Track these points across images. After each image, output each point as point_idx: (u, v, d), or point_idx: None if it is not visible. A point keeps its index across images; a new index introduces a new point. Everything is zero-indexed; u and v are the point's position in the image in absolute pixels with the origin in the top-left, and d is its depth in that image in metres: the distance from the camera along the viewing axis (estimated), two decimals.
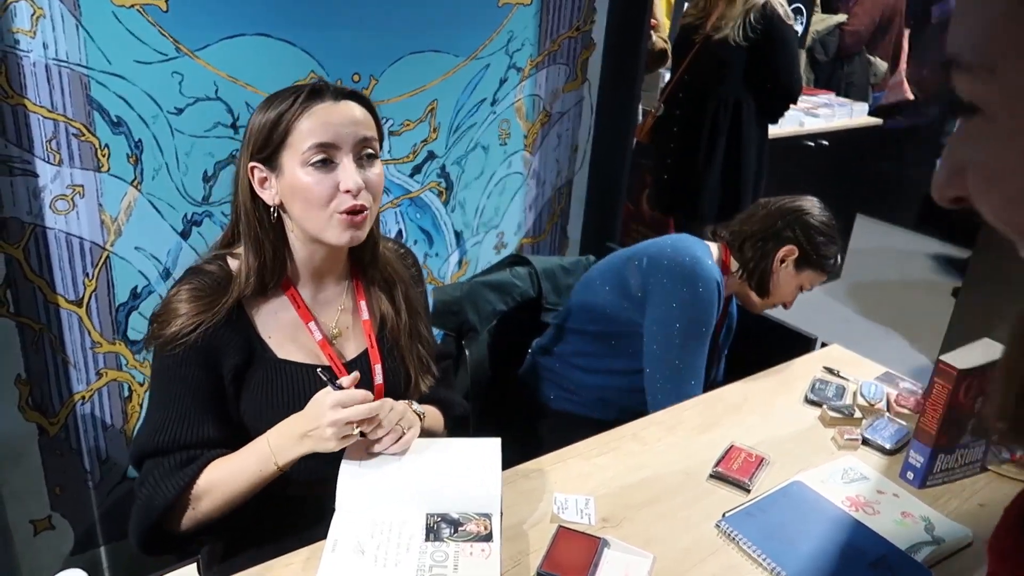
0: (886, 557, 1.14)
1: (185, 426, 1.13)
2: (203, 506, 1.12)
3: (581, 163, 2.37)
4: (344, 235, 1.12)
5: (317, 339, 1.20)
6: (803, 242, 1.62)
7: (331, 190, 1.09)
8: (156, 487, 1.11)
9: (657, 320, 1.60)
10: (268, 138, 1.10)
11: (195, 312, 1.11)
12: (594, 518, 1.18)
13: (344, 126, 1.09)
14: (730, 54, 2.76)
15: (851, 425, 1.46)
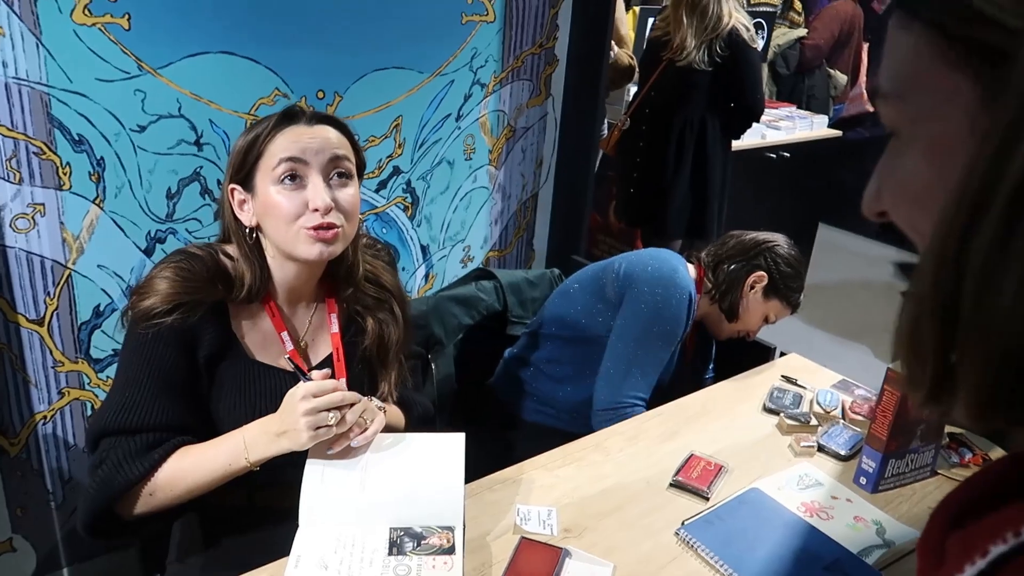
0: (839, 561, 1.17)
1: (154, 407, 1.11)
2: (162, 493, 1.11)
3: (546, 177, 2.40)
4: (313, 248, 1.13)
5: (288, 349, 1.21)
6: (773, 270, 1.70)
7: (300, 207, 1.12)
8: (118, 467, 1.09)
9: (625, 317, 1.66)
10: (244, 160, 1.14)
11: (176, 291, 1.12)
12: (556, 528, 1.20)
13: (314, 144, 1.12)
14: (695, 76, 2.82)
15: (807, 432, 1.49)
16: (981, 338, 0.36)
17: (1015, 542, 0.37)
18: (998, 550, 0.37)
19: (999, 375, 0.36)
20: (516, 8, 2.11)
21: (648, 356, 1.63)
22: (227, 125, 1.71)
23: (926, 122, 0.41)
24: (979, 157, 0.35)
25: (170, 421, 1.12)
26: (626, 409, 1.61)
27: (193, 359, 1.15)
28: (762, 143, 3.75)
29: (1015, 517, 0.38)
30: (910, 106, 0.41)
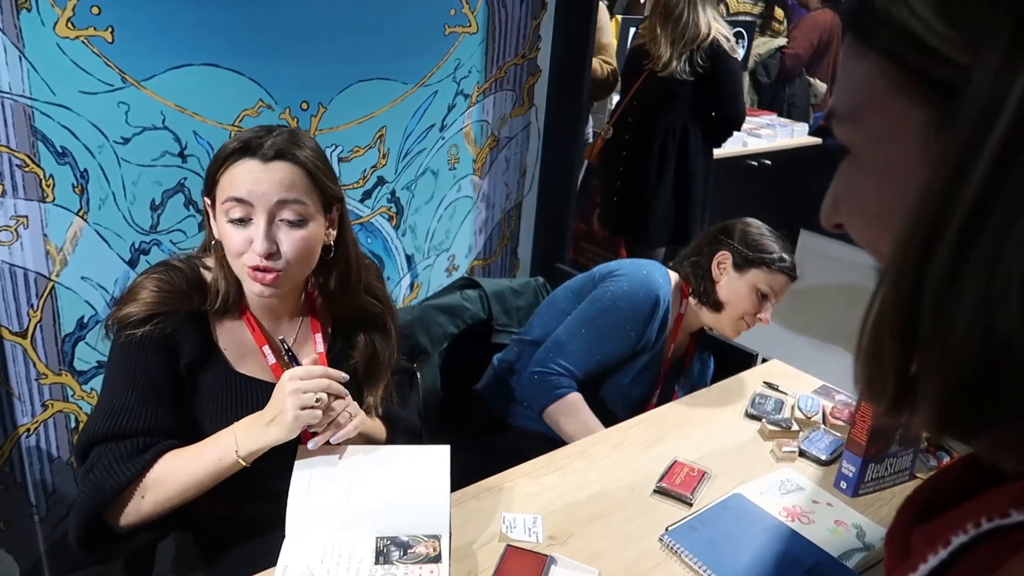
0: (820, 564, 1.19)
1: (142, 412, 1.12)
2: (152, 495, 1.10)
3: (530, 186, 2.42)
4: (254, 287, 1.15)
5: (269, 363, 1.22)
6: (733, 244, 1.68)
7: (244, 244, 1.12)
8: (108, 471, 1.09)
9: (587, 301, 1.71)
10: (206, 183, 1.16)
11: (154, 301, 1.13)
12: (542, 536, 1.21)
13: (263, 185, 1.10)
14: (677, 87, 2.85)
15: (789, 438, 1.52)
16: (939, 357, 0.37)
17: (975, 532, 0.39)
18: (959, 540, 0.39)
19: (957, 392, 0.37)
20: (499, 19, 2.13)
21: (593, 338, 1.66)
22: (211, 137, 1.71)
23: (881, 145, 0.42)
24: (933, 183, 0.37)
25: (158, 426, 1.13)
26: (552, 377, 1.65)
27: (176, 366, 1.16)
28: (743, 151, 3.79)
29: (974, 510, 0.40)
30: (865, 129, 0.43)
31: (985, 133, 0.34)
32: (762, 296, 1.66)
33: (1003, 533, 0.38)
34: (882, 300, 0.39)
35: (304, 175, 1.13)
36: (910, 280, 0.38)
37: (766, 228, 1.71)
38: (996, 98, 0.34)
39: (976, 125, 0.35)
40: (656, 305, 1.66)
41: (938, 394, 0.38)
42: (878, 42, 0.40)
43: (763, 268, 1.65)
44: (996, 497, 0.39)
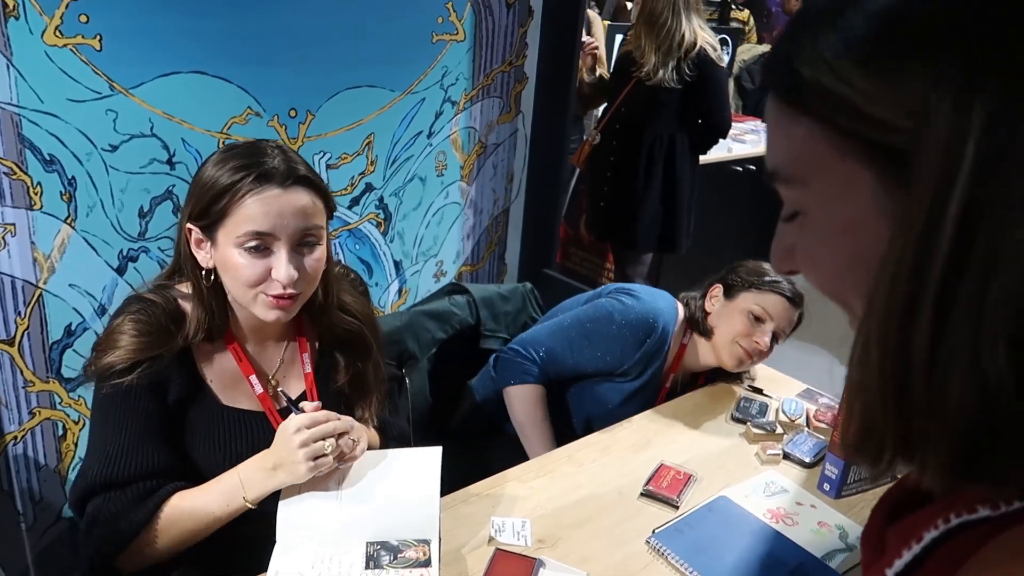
0: (804, 565, 1.21)
1: (140, 455, 1.09)
2: (162, 542, 1.08)
3: (517, 192, 2.44)
4: (271, 314, 1.11)
5: (257, 392, 1.20)
6: (725, 277, 1.67)
7: (262, 275, 1.07)
8: (115, 521, 1.06)
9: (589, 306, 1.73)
10: (207, 209, 1.06)
11: (136, 348, 1.09)
12: (530, 539, 1.23)
13: (286, 217, 1.06)
14: (664, 94, 2.87)
15: (773, 440, 1.54)
16: (938, 417, 0.37)
17: (944, 527, 0.40)
18: (930, 535, 0.40)
19: (959, 448, 0.37)
20: (486, 27, 2.14)
21: (576, 340, 1.67)
22: (199, 144, 1.72)
23: (832, 205, 0.41)
24: (904, 248, 0.36)
25: (156, 467, 1.10)
26: (525, 360, 1.67)
27: (165, 405, 1.13)
28: (729, 156, 3.82)
29: (944, 507, 0.41)
30: (813, 192, 0.42)
31: (945, 197, 0.34)
32: (755, 319, 1.60)
33: (971, 527, 0.39)
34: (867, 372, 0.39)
35: (318, 198, 1.11)
36: (896, 354, 0.37)
37: (757, 263, 1.67)
38: (952, 156, 0.34)
39: (935, 186, 0.34)
40: (651, 331, 1.65)
41: (941, 452, 0.37)
42: (811, 110, 0.39)
43: (751, 290, 1.61)
44: (965, 495, 0.40)
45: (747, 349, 1.60)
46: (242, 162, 1.06)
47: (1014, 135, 0.32)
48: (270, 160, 1.06)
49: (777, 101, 0.42)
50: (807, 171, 0.42)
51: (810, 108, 0.39)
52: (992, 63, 0.33)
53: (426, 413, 1.85)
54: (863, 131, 0.37)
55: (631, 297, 1.70)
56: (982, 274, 0.34)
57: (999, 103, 0.32)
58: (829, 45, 0.37)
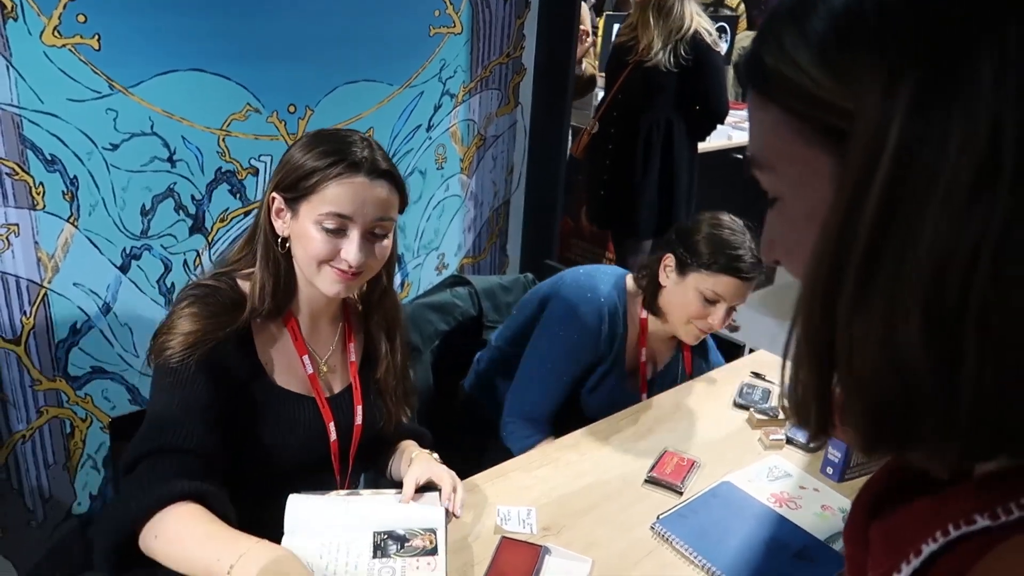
0: (808, 548, 1.22)
1: (185, 428, 1.09)
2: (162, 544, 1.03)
3: (517, 184, 2.44)
4: (333, 287, 1.15)
5: (308, 372, 1.23)
6: (677, 247, 1.56)
7: (332, 252, 1.13)
8: (139, 489, 1.04)
9: (539, 327, 1.67)
10: (295, 184, 1.12)
11: (199, 328, 1.11)
12: (536, 527, 1.24)
13: (367, 204, 1.12)
14: (661, 78, 2.88)
15: (776, 426, 1.54)
16: (855, 385, 0.39)
17: (944, 540, 0.40)
18: (929, 549, 0.41)
19: (875, 415, 0.39)
20: (483, 19, 2.15)
21: (550, 373, 1.62)
22: (199, 141, 1.73)
23: (800, 191, 0.44)
24: (830, 221, 0.39)
25: (198, 444, 1.09)
26: (522, 429, 1.62)
27: (224, 389, 1.14)
28: (728, 144, 3.82)
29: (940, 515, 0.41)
30: (782, 176, 0.45)
31: (870, 172, 0.36)
32: (707, 300, 1.52)
33: (970, 538, 0.40)
34: (797, 334, 0.41)
35: (396, 192, 1.17)
36: (819, 314, 0.40)
37: (725, 225, 1.54)
38: (878, 138, 0.36)
39: (862, 165, 0.37)
40: (600, 318, 1.61)
41: (859, 418, 0.40)
42: (776, 97, 0.42)
43: (702, 271, 1.51)
44: (957, 502, 0.41)
45: (702, 329, 1.57)
46: (334, 147, 1.13)
47: (931, 119, 0.35)
48: (359, 151, 1.13)
49: (751, 91, 0.45)
50: (776, 157, 0.44)
51: (775, 96, 0.42)
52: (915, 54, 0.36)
53: (430, 404, 1.86)
54: (819, 116, 0.40)
55: (560, 300, 1.63)
56: (899, 249, 0.36)
57: (919, 90, 0.35)
58: (790, 38, 0.40)
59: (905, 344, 0.36)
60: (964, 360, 0.35)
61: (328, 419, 1.24)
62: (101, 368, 1.74)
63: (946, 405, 0.36)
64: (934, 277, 0.35)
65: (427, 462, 1.27)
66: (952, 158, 0.34)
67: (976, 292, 0.34)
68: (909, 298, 0.36)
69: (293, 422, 1.20)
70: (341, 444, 1.26)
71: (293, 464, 1.22)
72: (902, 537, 0.43)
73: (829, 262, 0.39)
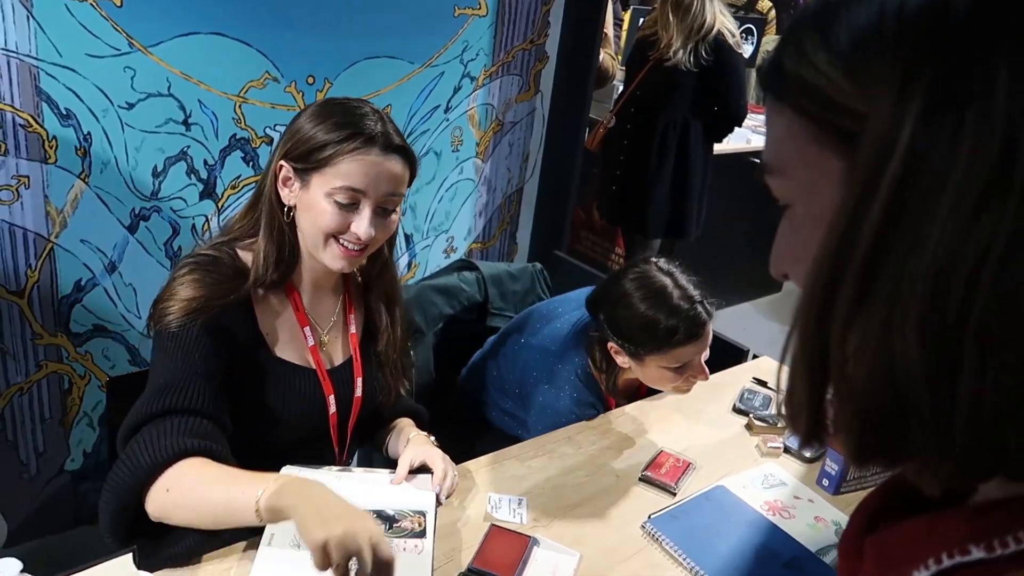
0: (798, 558, 1.21)
1: (189, 391, 1.07)
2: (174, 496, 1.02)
3: (532, 172, 2.43)
4: (338, 263, 1.15)
5: (309, 344, 1.22)
6: (614, 338, 1.44)
7: (343, 226, 1.12)
8: (148, 446, 1.02)
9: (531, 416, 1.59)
10: (307, 155, 1.11)
11: (198, 295, 1.10)
12: (526, 517, 1.23)
13: (381, 179, 1.11)
14: (680, 77, 2.85)
15: (775, 434, 1.53)
16: (847, 393, 0.38)
17: (936, 568, 0.39)
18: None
19: (867, 425, 0.38)
20: (509, 3, 2.12)
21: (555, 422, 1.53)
22: (216, 106, 1.72)
23: (810, 196, 0.43)
24: (834, 225, 0.38)
25: (203, 406, 1.07)
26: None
27: (226, 354, 1.13)
28: (747, 147, 3.79)
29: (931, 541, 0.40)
30: (792, 181, 0.45)
31: (879, 175, 0.36)
32: (677, 369, 1.42)
33: (961, 568, 0.39)
34: (794, 339, 0.41)
35: (408, 167, 1.16)
36: (815, 320, 0.39)
37: (649, 289, 1.40)
38: (888, 141, 0.36)
39: (871, 167, 0.36)
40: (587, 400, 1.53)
41: (849, 427, 0.39)
42: (791, 100, 0.42)
43: (655, 354, 1.40)
44: (950, 527, 0.40)
45: (687, 389, 1.47)
46: (346, 119, 1.11)
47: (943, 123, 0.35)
48: (373, 124, 1.12)
49: (767, 96, 0.45)
50: (788, 161, 0.44)
51: (791, 99, 0.42)
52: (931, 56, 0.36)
53: (429, 387, 1.86)
54: (833, 119, 0.40)
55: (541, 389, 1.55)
56: (903, 254, 0.35)
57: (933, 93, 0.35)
58: (810, 43, 0.40)
59: (901, 352, 0.36)
60: (961, 371, 0.34)
61: (328, 391, 1.24)
62: (103, 327, 1.74)
63: (941, 418, 0.36)
64: (936, 285, 0.34)
65: (423, 444, 1.26)
66: (962, 164, 0.34)
67: (978, 302, 0.34)
68: (909, 305, 0.35)
69: (293, 394, 1.20)
70: (340, 416, 1.26)
71: (292, 436, 1.22)
72: (894, 557, 0.42)
73: (830, 264, 0.38)
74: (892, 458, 0.39)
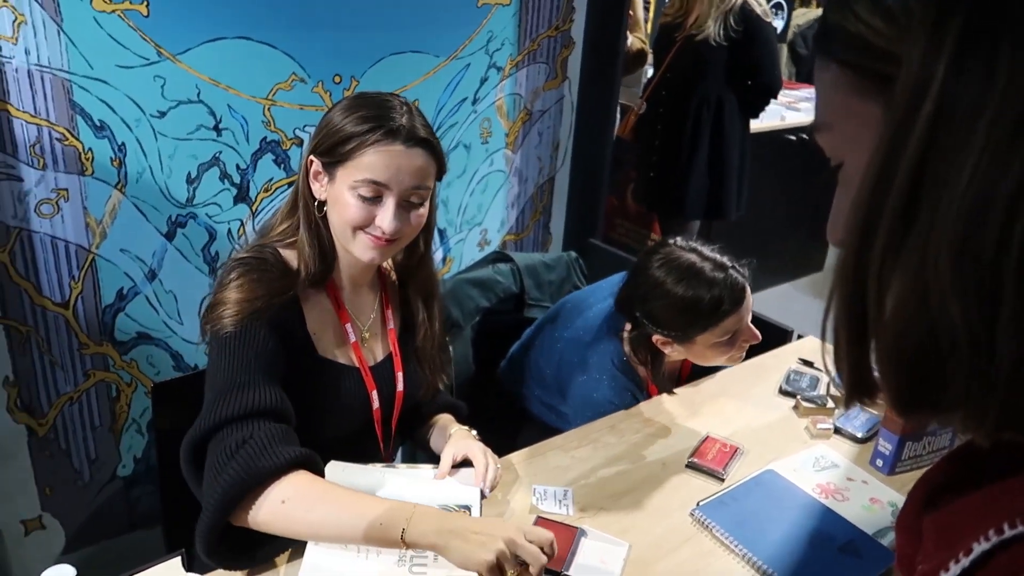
0: (854, 542, 1.17)
1: (255, 391, 1.04)
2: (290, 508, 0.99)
3: (563, 160, 2.40)
4: (367, 253, 1.15)
5: (352, 341, 1.23)
6: (657, 330, 1.43)
7: (367, 219, 1.12)
8: (263, 451, 0.99)
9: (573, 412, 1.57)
10: (333, 148, 1.11)
11: (248, 297, 1.10)
12: (572, 508, 1.22)
13: (403, 172, 1.10)
14: (711, 52, 2.80)
15: (824, 415, 1.49)
16: (888, 341, 0.38)
17: (997, 539, 0.38)
18: (981, 548, 0.39)
19: (909, 376, 0.38)
20: None
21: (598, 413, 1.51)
22: (245, 110, 1.72)
23: (856, 147, 0.43)
24: (871, 165, 0.38)
25: (281, 407, 1.06)
26: None
27: (280, 346, 1.12)
28: (782, 125, 3.71)
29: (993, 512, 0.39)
30: (837, 135, 0.45)
31: (913, 112, 0.36)
32: (728, 341, 1.42)
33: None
34: (834, 293, 0.41)
35: (433, 161, 1.15)
36: (853, 264, 0.39)
37: (683, 269, 1.39)
38: (923, 77, 0.36)
39: (906, 106, 0.36)
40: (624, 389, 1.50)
41: (892, 375, 0.39)
42: (836, 53, 0.43)
43: (704, 332, 1.40)
44: (1012, 497, 0.39)
45: (740, 356, 1.46)
46: (373, 112, 1.11)
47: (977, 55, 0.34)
48: (398, 117, 1.11)
49: (817, 58, 0.45)
50: (834, 115, 0.44)
51: (835, 52, 0.43)
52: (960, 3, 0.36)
53: (468, 381, 1.85)
54: (873, 66, 0.40)
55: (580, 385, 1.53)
56: (938, 191, 0.35)
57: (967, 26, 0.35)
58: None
59: (937, 291, 0.35)
60: (1001, 310, 0.34)
61: (371, 387, 1.24)
62: (146, 334, 1.76)
63: (981, 361, 0.35)
64: (972, 218, 0.34)
65: (465, 439, 1.26)
66: (997, 97, 0.33)
67: (1017, 235, 0.33)
68: (943, 241, 0.34)
69: (338, 392, 1.20)
70: (384, 412, 1.27)
71: (337, 433, 1.23)
72: (953, 532, 0.41)
73: (867, 206, 0.38)
74: (934, 406, 0.38)
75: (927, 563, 0.42)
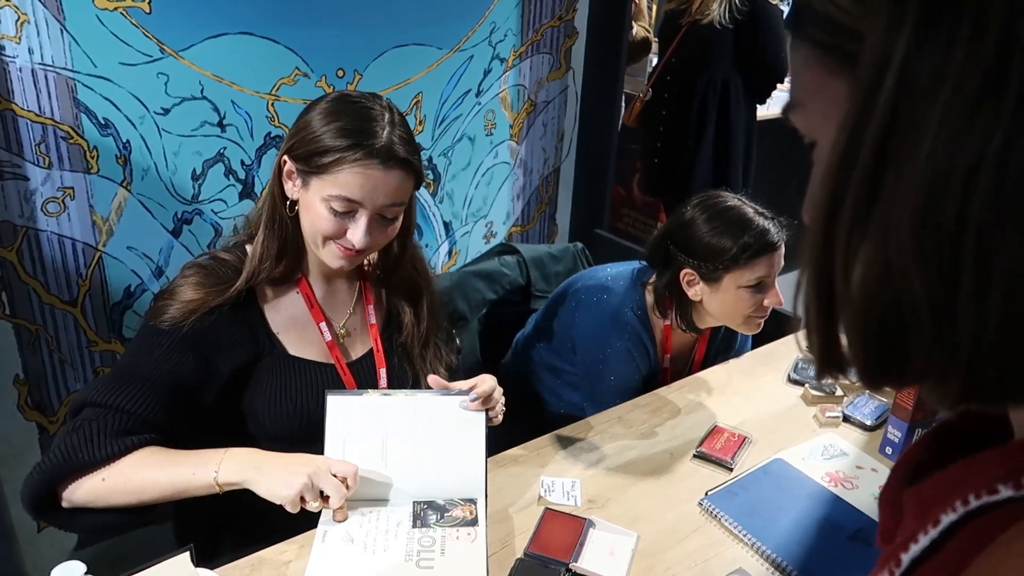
0: (863, 530, 1.17)
1: (148, 398, 1.09)
2: (111, 484, 1.07)
3: (568, 151, 2.39)
4: (336, 262, 1.15)
5: (326, 339, 1.22)
6: (687, 260, 1.44)
7: (338, 231, 1.11)
8: (88, 441, 1.06)
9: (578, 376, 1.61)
10: (309, 157, 1.09)
11: (198, 297, 1.11)
12: (580, 499, 1.22)
13: (378, 192, 1.09)
14: (717, 35, 2.79)
15: (833, 403, 1.49)
16: (853, 313, 0.38)
17: (964, 509, 0.39)
18: (948, 518, 0.39)
19: (875, 346, 0.38)
20: None
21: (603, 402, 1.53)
22: (249, 106, 1.72)
23: (824, 125, 0.43)
24: (835, 141, 0.38)
25: (156, 418, 1.10)
26: None
27: (208, 369, 1.13)
28: None
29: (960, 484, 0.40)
30: (809, 113, 0.45)
31: (876, 87, 0.36)
32: (754, 289, 1.42)
33: (991, 508, 0.38)
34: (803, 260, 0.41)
35: (411, 178, 1.13)
36: (821, 242, 0.39)
37: (721, 208, 1.42)
38: (885, 53, 0.36)
39: (869, 80, 0.36)
40: (632, 349, 1.53)
41: (858, 346, 0.39)
42: (805, 32, 0.43)
43: (734, 270, 1.39)
44: (982, 469, 0.39)
45: (762, 316, 1.46)
46: (353, 124, 1.08)
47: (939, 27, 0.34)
48: (380, 132, 1.08)
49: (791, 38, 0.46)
50: (806, 93, 0.44)
51: (806, 32, 0.43)
52: None
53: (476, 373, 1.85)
54: (840, 44, 0.40)
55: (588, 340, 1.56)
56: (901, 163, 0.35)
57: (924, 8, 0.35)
58: None
59: (898, 262, 0.35)
60: (961, 280, 0.34)
61: (350, 385, 1.23)
62: None
63: (943, 331, 0.35)
64: (932, 188, 0.34)
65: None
66: (956, 70, 0.33)
67: (976, 206, 0.33)
68: (906, 214, 0.35)
69: (314, 391, 1.18)
70: None
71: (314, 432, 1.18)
72: (928, 504, 0.42)
73: (833, 182, 0.38)
74: (900, 377, 0.39)
75: (902, 535, 0.43)
